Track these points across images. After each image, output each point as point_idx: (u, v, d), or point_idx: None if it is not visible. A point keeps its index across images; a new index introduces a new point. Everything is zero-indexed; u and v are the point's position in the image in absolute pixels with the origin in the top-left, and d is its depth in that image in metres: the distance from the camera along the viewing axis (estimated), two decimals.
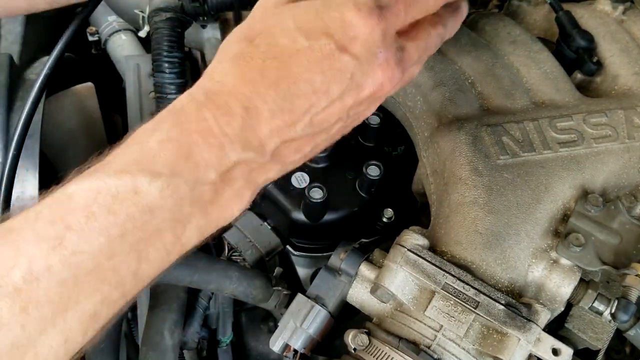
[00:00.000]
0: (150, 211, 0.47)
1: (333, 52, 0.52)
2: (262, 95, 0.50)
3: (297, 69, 0.51)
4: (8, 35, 1.10)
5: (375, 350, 0.66)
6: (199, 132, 0.49)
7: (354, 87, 0.54)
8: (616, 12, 0.99)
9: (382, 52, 0.55)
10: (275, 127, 0.52)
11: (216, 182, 0.51)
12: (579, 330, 0.82)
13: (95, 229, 0.45)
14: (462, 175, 0.75)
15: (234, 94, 0.51)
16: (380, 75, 0.55)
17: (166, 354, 0.80)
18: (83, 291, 0.45)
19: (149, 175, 0.47)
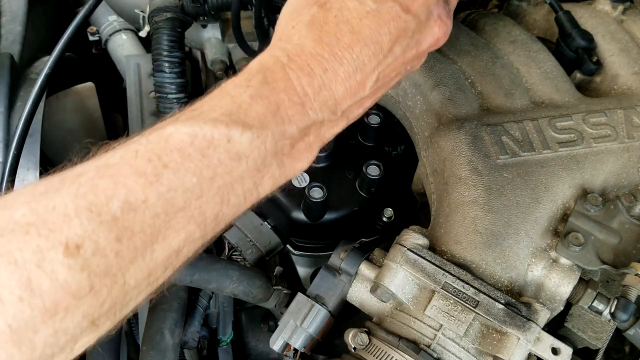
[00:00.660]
0: (238, 159, 0.50)
1: (399, 14, 0.56)
2: (339, 58, 0.54)
3: (368, 31, 0.55)
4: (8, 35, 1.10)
5: (375, 350, 0.66)
6: (285, 91, 0.53)
7: (414, 43, 0.59)
8: (616, 11, 0.99)
9: (436, 8, 0.60)
10: (349, 87, 0.55)
11: (294, 136, 0.54)
12: (579, 330, 0.82)
13: (190, 169, 0.47)
14: (462, 175, 0.75)
15: (314, 55, 0.54)
16: (437, 31, 0.61)
17: (167, 353, 0.80)
18: (172, 227, 0.47)
19: (241, 127, 0.50)
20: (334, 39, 0.55)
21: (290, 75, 0.53)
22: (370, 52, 0.55)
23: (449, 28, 0.62)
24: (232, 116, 0.50)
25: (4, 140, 0.92)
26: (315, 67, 0.54)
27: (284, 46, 0.55)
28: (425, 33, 0.60)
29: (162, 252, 0.48)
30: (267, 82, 0.53)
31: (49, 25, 1.24)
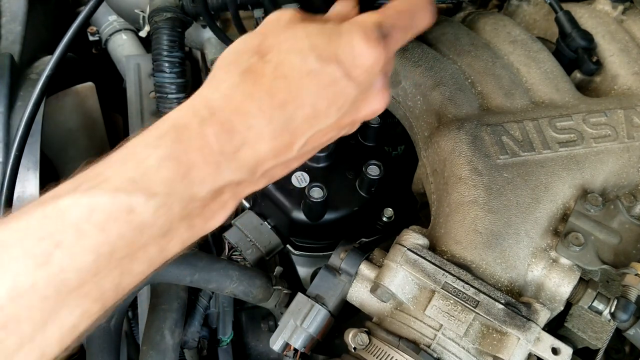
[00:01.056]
0: (141, 230, 0.47)
1: (340, 79, 0.53)
2: (267, 116, 0.50)
3: (305, 92, 0.52)
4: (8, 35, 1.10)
5: (375, 350, 0.66)
6: (199, 150, 0.49)
7: (353, 110, 0.56)
8: (616, 11, 0.99)
9: (380, 80, 0.57)
10: (274, 148, 0.52)
11: (205, 198, 0.50)
12: (579, 330, 0.82)
13: (85, 247, 0.44)
14: (462, 175, 0.75)
15: (240, 110, 0.50)
16: (377, 103, 0.59)
17: (167, 353, 0.80)
18: (65, 307, 0.44)
19: (145, 195, 0.46)
20: (267, 94, 0.51)
21: (207, 132, 0.49)
22: (304, 115, 0.52)
23: (388, 99, 0.59)
24: (135, 184, 0.46)
25: (4, 141, 0.93)
26: (238, 124, 0.50)
27: (211, 96, 0.51)
28: (366, 103, 0.57)
29: (55, 331, 0.45)
30: (180, 141, 0.48)
31: (49, 26, 1.24)
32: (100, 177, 0.46)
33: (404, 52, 0.87)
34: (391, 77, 0.88)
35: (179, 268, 0.80)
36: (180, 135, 0.48)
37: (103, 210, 0.45)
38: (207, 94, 0.51)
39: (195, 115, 0.49)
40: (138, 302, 1.03)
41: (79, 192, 0.45)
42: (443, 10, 1.10)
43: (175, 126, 0.49)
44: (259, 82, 0.51)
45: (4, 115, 0.94)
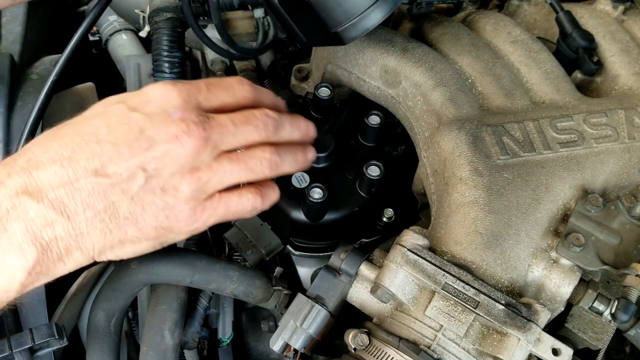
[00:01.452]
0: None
1: (124, 112, 0.57)
2: (45, 147, 0.54)
3: (84, 126, 0.56)
4: (8, 35, 1.10)
5: (375, 350, 0.66)
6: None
7: (145, 139, 0.56)
8: (616, 11, 0.99)
9: (179, 111, 0.57)
10: (54, 173, 0.53)
11: None
12: (579, 330, 0.82)
13: None
14: (463, 175, 0.75)
15: (24, 152, 0.55)
16: (174, 129, 0.56)
17: (167, 353, 0.80)
18: None
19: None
20: (50, 135, 0.56)
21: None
22: (83, 141, 0.54)
23: (196, 133, 0.57)
24: None
25: (4, 140, 0.93)
26: (18, 159, 0.54)
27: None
28: (159, 130, 0.56)
29: None
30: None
31: (49, 26, 1.24)
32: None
33: (405, 52, 0.87)
34: (391, 77, 0.88)
35: (179, 268, 0.80)
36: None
37: None
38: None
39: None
40: (138, 302, 1.03)
41: None
42: (443, 10, 1.10)
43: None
44: (50, 133, 0.57)
45: (3, 116, 0.94)
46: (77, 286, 1.02)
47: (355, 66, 0.91)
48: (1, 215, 0.51)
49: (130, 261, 0.81)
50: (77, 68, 1.29)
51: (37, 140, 0.56)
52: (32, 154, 0.54)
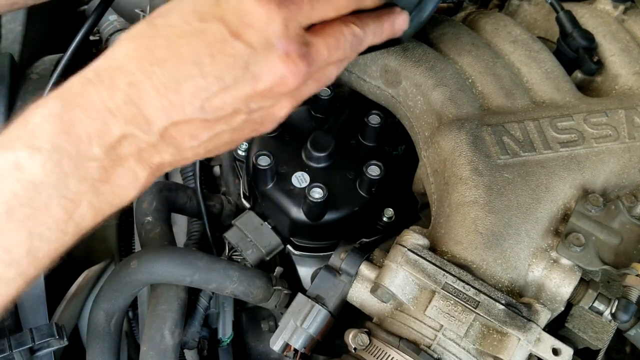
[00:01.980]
0: (34, 187, 0.47)
1: (225, 38, 0.51)
2: (146, 72, 0.50)
3: (186, 49, 0.51)
4: (9, 35, 1.10)
5: (375, 350, 0.66)
6: (80, 107, 0.49)
7: (250, 76, 0.53)
8: (617, 11, 0.98)
9: (282, 43, 0.53)
10: (161, 105, 0.51)
11: (103, 159, 0.50)
12: (580, 330, 0.82)
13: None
14: (463, 175, 0.75)
15: (120, 69, 0.50)
16: (281, 68, 0.53)
17: (167, 353, 0.80)
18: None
19: (29, 150, 0.47)
20: (147, 53, 0.51)
21: (89, 90, 0.50)
22: (187, 73, 0.51)
23: (302, 70, 0.54)
24: (20, 140, 0.48)
25: None
26: (119, 81, 0.50)
27: (98, 62, 0.52)
28: (263, 66, 0.53)
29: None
30: (62, 99, 0.49)
31: (49, 25, 1.24)
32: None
33: (405, 52, 0.87)
34: (392, 76, 0.88)
35: (179, 268, 0.80)
36: (62, 94, 0.50)
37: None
38: (97, 61, 0.52)
39: (80, 78, 0.51)
40: (138, 302, 1.03)
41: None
42: (444, 9, 1.10)
43: (60, 89, 0.50)
44: (140, 43, 0.51)
45: (4, 115, 0.94)
46: (77, 286, 1.02)
47: (355, 65, 0.91)
48: (113, 144, 0.51)
49: (131, 261, 0.81)
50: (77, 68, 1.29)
51: (130, 53, 0.51)
52: (132, 75, 0.50)
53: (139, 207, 0.93)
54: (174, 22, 0.52)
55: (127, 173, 0.53)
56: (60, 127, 0.48)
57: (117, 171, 0.52)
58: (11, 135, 0.48)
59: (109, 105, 0.50)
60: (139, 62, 0.50)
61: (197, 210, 0.99)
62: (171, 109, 0.51)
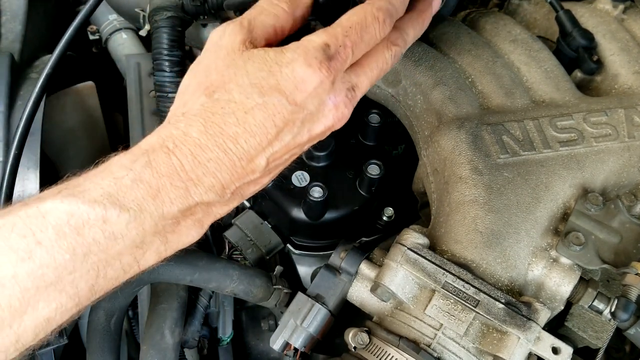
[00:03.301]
0: (114, 238, 0.52)
1: (285, 106, 0.57)
2: (223, 149, 0.56)
3: (253, 123, 0.57)
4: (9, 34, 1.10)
5: (375, 349, 0.66)
6: (167, 176, 0.54)
7: (306, 131, 0.60)
8: (616, 11, 0.99)
9: (332, 98, 0.60)
10: (236, 174, 0.57)
11: (179, 217, 0.56)
12: (579, 329, 0.82)
13: (63, 246, 0.49)
14: (463, 174, 0.75)
15: (199, 145, 0.56)
16: (331, 119, 0.61)
17: (167, 352, 0.80)
18: (42, 299, 0.49)
19: (118, 209, 0.52)
20: (219, 130, 0.56)
21: (174, 162, 0.55)
22: (256, 142, 0.57)
23: (347, 114, 0.62)
24: (110, 198, 0.52)
25: (4, 140, 0.92)
26: (199, 156, 0.55)
27: (172, 131, 0.56)
28: (317, 121, 0.60)
29: (31, 322, 0.50)
30: (151, 166, 0.54)
31: (49, 24, 1.24)
32: (80, 187, 0.52)
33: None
34: (391, 76, 0.88)
35: (179, 267, 0.80)
36: (150, 160, 0.55)
37: (81, 216, 0.51)
38: (171, 129, 0.57)
39: (162, 146, 0.55)
40: (138, 301, 1.03)
41: (59, 197, 0.51)
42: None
43: (146, 153, 0.55)
44: (211, 120, 0.56)
45: (4, 115, 0.94)
46: None
47: None
48: (191, 206, 0.56)
49: None
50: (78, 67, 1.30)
51: (203, 132, 0.56)
52: (211, 153, 0.56)
53: None
54: (236, 98, 0.57)
55: (193, 223, 0.58)
56: (148, 192, 0.53)
57: (186, 223, 0.57)
58: (102, 190, 0.52)
59: (191, 176, 0.55)
60: (214, 139, 0.56)
61: None
62: (244, 174, 0.58)
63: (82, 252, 0.50)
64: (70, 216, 0.50)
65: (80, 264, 0.50)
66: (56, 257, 0.49)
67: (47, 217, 0.50)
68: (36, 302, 0.49)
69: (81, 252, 0.50)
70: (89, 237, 0.51)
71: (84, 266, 0.51)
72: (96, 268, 0.52)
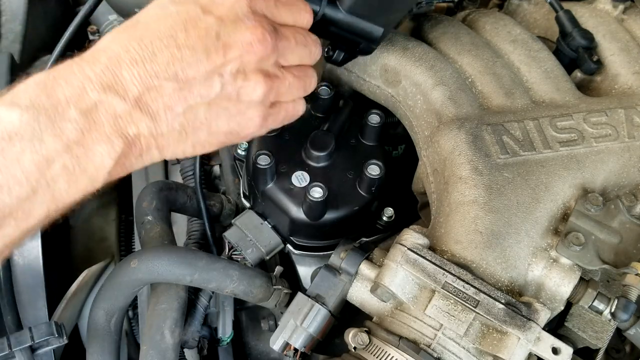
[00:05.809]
0: (9, 138, 0.51)
1: (198, 15, 0.58)
2: (124, 46, 0.56)
3: (162, 27, 0.57)
4: (9, 34, 1.10)
5: (375, 349, 0.66)
6: (63, 77, 0.54)
7: (221, 45, 0.58)
8: (616, 11, 0.99)
9: (250, 17, 0.60)
10: (137, 73, 0.56)
11: (79, 121, 0.54)
12: (579, 329, 0.82)
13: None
14: (463, 175, 0.75)
15: (102, 49, 0.57)
16: (249, 35, 0.60)
17: (167, 352, 0.80)
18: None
19: (8, 106, 0.52)
20: (126, 34, 0.57)
21: (72, 66, 0.55)
22: (162, 45, 0.56)
23: (269, 40, 0.61)
24: (2, 100, 0.53)
25: None
26: (99, 57, 0.56)
27: (83, 55, 0.57)
28: (233, 36, 0.59)
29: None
30: (49, 72, 0.55)
31: (49, 25, 1.24)
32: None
33: (404, 51, 0.87)
34: (391, 76, 0.88)
35: (179, 267, 0.80)
36: (50, 70, 0.55)
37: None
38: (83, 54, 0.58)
39: (66, 61, 0.56)
40: (138, 301, 1.03)
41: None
42: (443, 9, 1.10)
43: (50, 69, 0.56)
44: (122, 30, 0.58)
45: None
46: (78, 285, 1.02)
47: (355, 65, 0.91)
48: (90, 108, 0.54)
49: (131, 260, 0.81)
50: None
51: (113, 38, 0.57)
52: (112, 52, 0.56)
53: (139, 206, 0.93)
54: (151, 11, 0.59)
55: (102, 138, 0.55)
56: (42, 90, 0.53)
57: (93, 135, 0.54)
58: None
59: (88, 74, 0.55)
60: (119, 41, 0.56)
61: (197, 210, 0.99)
62: (146, 76, 0.56)
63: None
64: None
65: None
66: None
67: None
68: None
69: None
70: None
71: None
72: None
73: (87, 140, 0.54)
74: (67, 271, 1.10)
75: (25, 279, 0.91)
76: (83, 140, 0.54)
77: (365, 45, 0.80)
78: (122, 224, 1.27)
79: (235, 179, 1.05)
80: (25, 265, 0.93)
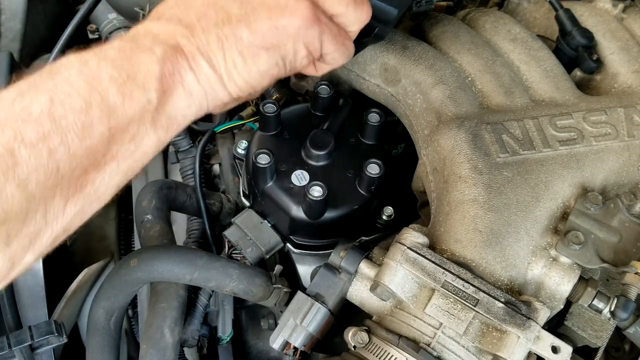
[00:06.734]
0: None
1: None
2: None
3: None
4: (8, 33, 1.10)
5: (375, 348, 0.66)
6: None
7: (264, 9, 0.61)
8: (616, 10, 0.99)
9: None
10: (201, 14, 0.60)
11: (120, 41, 0.58)
12: (579, 328, 0.82)
13: None
14: (462, 174, 0.75)
15: None
16: (292, 8, 0.61)
17: (166, 351, 0.80)
18: None
19: None
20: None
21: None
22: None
23: (307, 12, 0.62)
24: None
25: None
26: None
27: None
28: (276, 6, 0.61)
29: None
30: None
31: (49, 24, 1.24)
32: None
33: (404, 50, 0.87)
34: (391, 75, 0.88)
35: (178, 266, 0.80)
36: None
37: None
38: None
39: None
40: (138, 300, 1.03)
41: None
42: (443, 8, 1.10)
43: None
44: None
45: None
46: (77, 284, 1.02)
47: (354, 64, 0.91)
48: (133, 36, 0.59)
49: (130, 259, 0.81)
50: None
51: None
52: None
53: (139, 205, 0.93)
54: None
55: (142, 50, 0.57)
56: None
57: (133, 47, 0.57)
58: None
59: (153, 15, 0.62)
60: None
61: (197, 209, 0.99)
62: (208, 15, 0.60)
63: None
64: None
65: (28, 89, 0.51)
66: None
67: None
68: None
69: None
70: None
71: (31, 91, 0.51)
72: (48, 91, 0.51)
73: (128, 53, 0.56)
74: (66, 270, 1.10)
75: (25, 278, 0.91)
76: (123, 55, 0.56)
77: (381, 28, 0.78)
78: (121, 223, 1.27)
79: (235, 177, 1.05)
80: None
